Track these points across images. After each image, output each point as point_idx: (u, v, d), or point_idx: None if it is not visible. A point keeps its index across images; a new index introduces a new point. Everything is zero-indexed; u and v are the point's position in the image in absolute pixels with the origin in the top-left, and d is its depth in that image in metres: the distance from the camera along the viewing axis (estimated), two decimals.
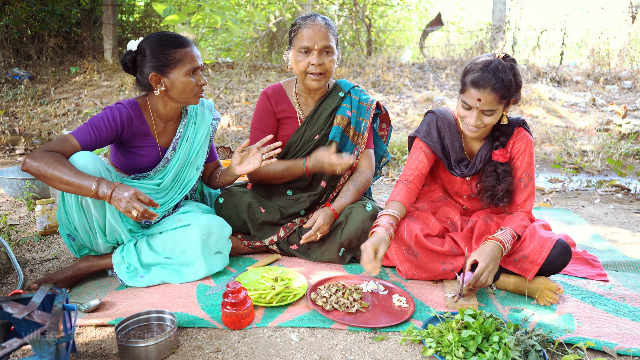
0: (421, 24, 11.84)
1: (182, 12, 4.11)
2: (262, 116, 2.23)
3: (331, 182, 2.22)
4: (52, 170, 1.60)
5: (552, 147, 4.97)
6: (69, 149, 1.71)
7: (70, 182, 1.60)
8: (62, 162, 1.63)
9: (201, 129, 2.08)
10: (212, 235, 1.92)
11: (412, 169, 1.98)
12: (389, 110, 6.10)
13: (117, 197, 1.60)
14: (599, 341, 1.47)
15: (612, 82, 6.85)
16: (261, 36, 8.42)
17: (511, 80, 1.70)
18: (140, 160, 1.96)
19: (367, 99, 2.27)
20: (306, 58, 2.04)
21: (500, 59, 1.73)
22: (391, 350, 1.45)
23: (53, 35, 7.89)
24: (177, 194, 2.05)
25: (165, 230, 1.92)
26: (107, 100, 6.31)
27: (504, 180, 1.85)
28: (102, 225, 1.79)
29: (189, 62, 1.84)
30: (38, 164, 1.61)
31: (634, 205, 3.28)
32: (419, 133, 2.01)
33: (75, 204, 1.73)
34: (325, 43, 2.03)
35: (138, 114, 1.91)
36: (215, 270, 1.93)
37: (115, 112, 1.83)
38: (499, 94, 1.70)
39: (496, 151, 1.86)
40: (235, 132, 5.24)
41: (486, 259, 1.68)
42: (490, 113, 1.75)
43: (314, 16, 2.07)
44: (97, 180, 1.62)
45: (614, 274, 2.10)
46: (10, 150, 4.82)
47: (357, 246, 2.08)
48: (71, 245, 1.87)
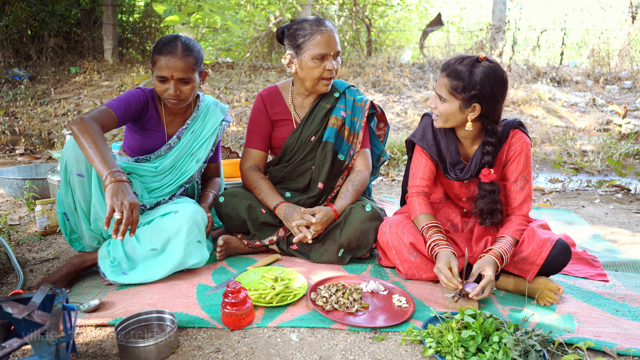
0: (421, 24, 11.84)
1: (182, 12, 4.11)
2: (256, 119, 2.25)
3: (329, 184, 2.22)
4: (85, 144, 1.67)
5: (552, 147, 4.97)
6: (110, 123, 1.83)
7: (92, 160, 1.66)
8: (96, 140, 1.68)
9: (209, 125, 2.14)
10: (197, 224, 1.92)
11: (425, 179, 1.97)
12: (389, 111, 6.10)
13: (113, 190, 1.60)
14: (599, 341, 1.47)
15: (612, 82, 6.85)
16: (261, 36, 8.43)
17: (466, 76, 1.68)
18: (147, 142, 2.07)
19: (361, 98, 2.27)
20: (321, 64, 2.05)
21: (476, 58, 1.72)
22: (391, 350, 1.45)
23: (53, 35, 7.88)
24: (172, 181, 2.09)
25: (152, 219, 1.93)
26: (107, 100, 6.31)
27: (484, 201, 1.82)
28: (87, 211, 1.82)
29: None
30: (79, 132, 1.69)
31: (634, 205, 3.28)
32: (414, 137, 2.00)
33: (63, 181, 1.78)
34: (339, 48, 2.07)
35: (153, 101, 2.05)
36: (192, 261, 1.89)
37: (140, 93, 1.99)
38: (450, 83, 1.71)
39: (483, 170, 1.82)
40: (235, 132, 5.24)
41: (490, 271, 1.67)
42: (442, 100, 1.75)
43: (321, 20, 2.06)
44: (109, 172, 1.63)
45: (614, 274, 2.10)
46: (10, 150, 4.82)
47: (357, 247, 2.08)
48: (64, 227, 1.89)
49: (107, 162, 1.64)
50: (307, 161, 2.22)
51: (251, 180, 2.20)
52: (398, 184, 3.88)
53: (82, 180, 1.78)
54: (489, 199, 1.82)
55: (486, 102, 1.70)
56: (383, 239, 1.96)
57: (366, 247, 2.08)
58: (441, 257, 1.73)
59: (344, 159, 2.21)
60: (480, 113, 1.73)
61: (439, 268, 1.71)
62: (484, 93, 1.68)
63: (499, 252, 1.73)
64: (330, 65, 2.05)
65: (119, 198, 1.58)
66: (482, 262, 1.71)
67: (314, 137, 2.19)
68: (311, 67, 2.05)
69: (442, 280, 1.70)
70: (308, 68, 2.06)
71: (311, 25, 2.04)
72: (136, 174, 2.01)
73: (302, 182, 2.24)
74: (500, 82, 1.70)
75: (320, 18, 2.08)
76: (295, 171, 2.25)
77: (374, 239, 2.06)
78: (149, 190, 2.05)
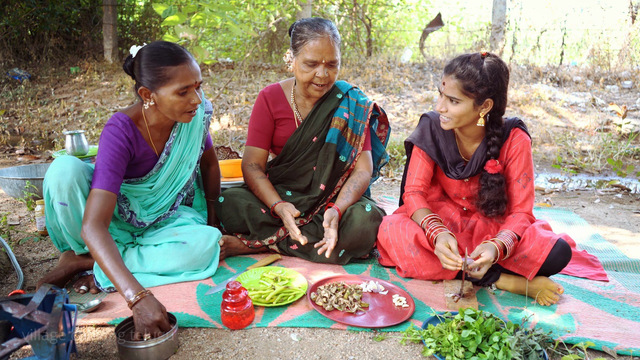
0: (421, 24, 11.83)
1: (182, 13, 4.10)
2: (258, 117, 2.23)
3: (330, 185, 2.22)
4: (99, 255, 1.53)
5: (552, 147, 4.97)
6: (110, 205, 1.65)
7: (108, 273, 1.50)
8: (109, 252, 1.53)
9: (195, 127, 2.01)
10: (203, 253, 1.94)
11: (421, 179, 2.00)
12: (389, 111, 6.10)
13: (139, 313, 1.42)
14: (599, 341, 1.47)
15: (612, 82, 6.85)
16: (261, 36, 8.42)
17: (477, 73, 1.70)
18: (137, 170, 1.92)
19: (364, 100, 2.26)
20: (311, 70, 2.02)
21: (479, 55, 1.74)
22: (391, 350, 1.45)
23: (53, 35, 7.88)
24: (168, 192, 2.02)
25: (160, 244, 1.91)
26: (107, 100, 6.31)
27: (492, 192, 1.85)
28: (72, 234, 1.77)
29: (179, 80, 1.69)
30: (90, 243, 1.56)
31: (634, 205, 3.28)
32: (413, 138, 2.02)
33: (47, 205, 1.73)
34: (332, 58, 2.01)
35: (134, 134, 1.80)
36: (197, 279, 1.92)
37: (120, 134, 1.74)
38: (462, 83, 1.72)
39: (489, 161, 1.86)
40: (235, 132, 5.24)
41: (489, 254, 1.68)
42: (455, 102, 1.76)
43: (321, 25, 2.00)
44: (129, 284, 1.45)
45: (614, 274, 2.10)
46: (10, 150, 4.82)
47: (358, 247, 2.07)
48: (55, 239, 1.87)
49: (119, 272, 1.48)
50: (309, 162, 2.22)
51: (251, 179, 2.19)
52: (398, 184, 3.88)
53: (65, 208, 1.69)
54: (497, 190, 1.85)
55: (498, 95, 1.76)
56: (383, 236, 1.96)
57: (367, 247, 2.08)
58: (439, 237, 1.76)
59: (345, 160, 2.21)
60: (492, 107, 1.78)
61: (437, 248, 1.73)
62: (496, 87, 1.74)
63: (501, 242, 1.74)
64: (320, 73, 2.00)
65: (143, 322, 1.41)
66: (482, 246, 1.73)
67: (316, 137, 2.19)
68: (302, 70, 2.03)
69: (441, 259, 1.72)
70: (299, 71, 2.05)
71: (309, 29, 1.99)
72: (131, 195, 1.93)
73: (303, 182, 2.24)
74: (506, 74, 1.77)
75: (321, 23, 2.02)
76: (296, 171, 2.24)
77: (374, 239, 2.05)
78: (146, 206, 1.98)
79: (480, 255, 1.69)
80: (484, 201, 1.88)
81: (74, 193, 1.68)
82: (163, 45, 1.71)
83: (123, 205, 1.87)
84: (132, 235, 1.99)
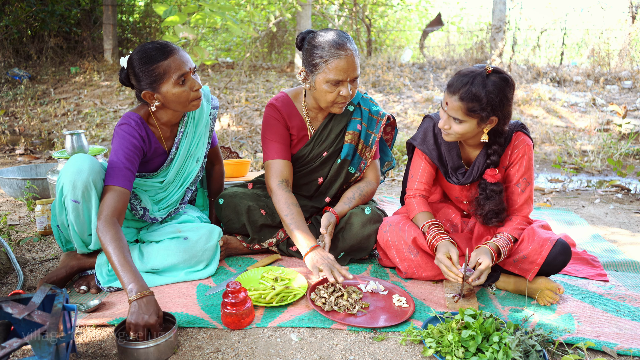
0: (421, 24, 11.83)
1: (182, 13, 4.11)
2: (274, 128, 2.08)
3: (337, 198, 2.21)
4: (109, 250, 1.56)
5: (552, 147, 4.97)
6: (124, 202, 1.68)
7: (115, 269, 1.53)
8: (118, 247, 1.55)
9: (201, 122, 2.04)
10: (204, 250, 1.95)
11: (423, 182, 1.98)
12: (389, 111, 6.10)
13: (135, 310, 1.41)
14: (599, 341, 1.47)
15: (612, 82, 6.85)
16: (261, 36, 8.42)
17: (482, 96, 1.64)
18: (148, 166, 1.96)
19: (377, 111, 2.18)
20: (335, 89, 1.90)
21: (484, 72, 1.67)
22: (391, 350, 1.45)
23: (53, 35, 7.88)
24: (178, 187, 2.05)
25: (161, 240, 1.92)
26: (107, 100, 6.31)
27: (491, 202, 1.82)
28: (80, 232, 1.77)
29: (174, 71, 1.74)
30: (102, 238, 1.58)
31: (634, 205, 3.28)
32: (415, 140, 1.99)
33: (58, 201, 1.74)
34: (356, 74, 1.91)
35: (145, 132, 1.86)
36: (195, 278, 1.92)
37: (133, 132, 1.79)
38: (466, 105, 1.66)
39: (488, 170, 1.82)
40: (235, 132, 5.24)
41: (488, 260, 1.68)
42: (458, 122, 1.71)
43: (342, 41, 1.87)
44: (133, 280, 1.46)
45: (614, 274, 2.10)
46: (10, 150, 4.82)
47: (357, 250, 2.07)
48: (59, 237, 1.87)
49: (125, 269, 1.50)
50: (315, 173, 2.18)
51: (283, 205, 1.96)
52: (398, 184, 3.88)
53: (77, 206, 1.69)
54: (497, 200, 1.82)
55: (502, 112, 1.70)
56: (383, 238, 1.96)
57: (367, 250, 2.08)
58: (440, 247, 1.75)
59: (354, 172, 2.16)
60: (496, 123, 1.73)
61: (438, 259, 1.73)
62: (501, 105, 1.68)
63: (495, 245, 1.75)
64: (345, 91, 1.90)
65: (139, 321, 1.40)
66: (478, 251, 1.73)
67: (326, 152, 2.12)
68: (324, 90, 1.91)
69: (442, 270, 1.71)
70: (321, 91, 1.92)
71: (330, 47, 1.85)
72: (141, 189, 1.97)
73: (306, 190, 2.22)
74: (512, 89, 1.70)
75: (342, 39, 1.87)
76: (301, 180, 2.20)
77: (374, 242, 2.04)
78: (156, 201, 2.01)
79: (479, 263, 1.69)
80: (484, 211, 1.85)
81: (88, 192, 1.69)
82: (148, 46, 1.77)
83: (135, 202, 1.90)
84: (137, 230, 2.01)
